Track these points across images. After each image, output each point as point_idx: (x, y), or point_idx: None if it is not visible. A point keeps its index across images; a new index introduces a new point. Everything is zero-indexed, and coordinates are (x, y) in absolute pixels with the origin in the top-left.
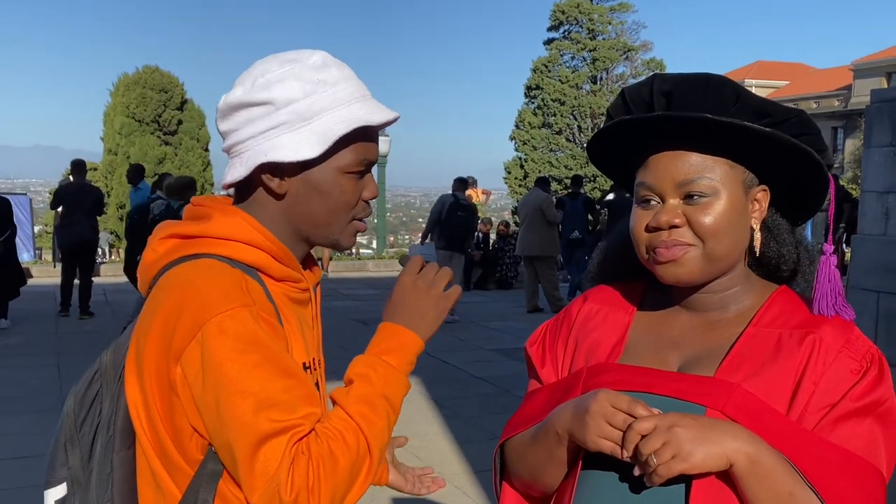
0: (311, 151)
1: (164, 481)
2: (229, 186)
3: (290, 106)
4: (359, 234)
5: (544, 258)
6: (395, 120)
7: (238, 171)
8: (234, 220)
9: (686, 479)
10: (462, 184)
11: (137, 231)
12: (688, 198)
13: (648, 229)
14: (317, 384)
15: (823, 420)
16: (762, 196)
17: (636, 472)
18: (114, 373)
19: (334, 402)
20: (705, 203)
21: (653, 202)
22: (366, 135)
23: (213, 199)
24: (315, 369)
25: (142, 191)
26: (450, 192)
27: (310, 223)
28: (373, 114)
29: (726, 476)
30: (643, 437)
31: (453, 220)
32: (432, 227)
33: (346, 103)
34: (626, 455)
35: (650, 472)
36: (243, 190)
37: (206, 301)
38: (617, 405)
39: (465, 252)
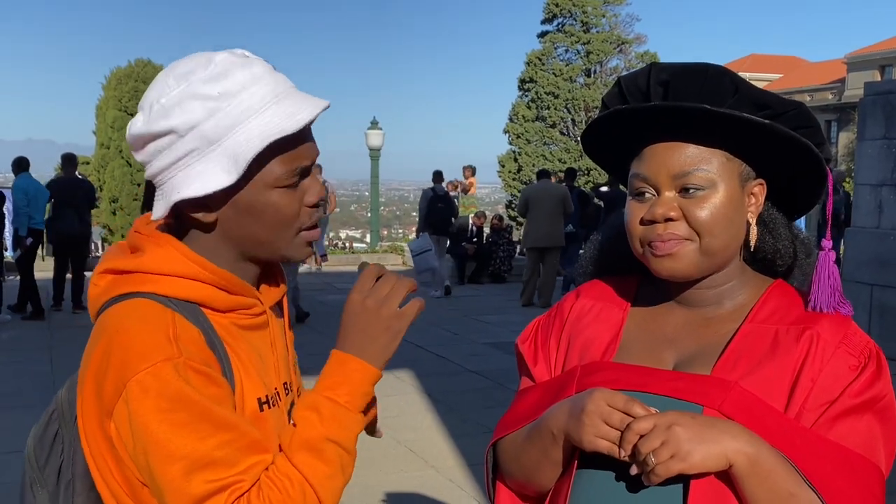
0: (225, 178)
1: None
2: (158, 222)
3: (193, 131)
4: (313, 242)
5: (557, 249)
6: (323, 110)
7: (159, 209)
8: (167, 252)
9: (684, 479)
10: (438, 176)
11: None
12: (684, 191)
13: (643, 222)
14: (290, 408)
15: (822, 417)
16: (759, 190)
17: (633, 471)
18: (70, 413)
19: (280, 448)
20: (702, 196)
21: (648, 194)
22: (291, 141)
23: (149, 227)
24: (280, 399)
25: (19, 180)
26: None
27: (251, 244)
28: (290, 117)
29: (725, 476)
30: (641, 436)
31: (435, 210)
32: (425, 221)
33: (258, 112)
34: (624, 454)
35: (648, 471)
36: (176, 219)
37: (128, 356)
38: (613, 404)
39: (449, 234)
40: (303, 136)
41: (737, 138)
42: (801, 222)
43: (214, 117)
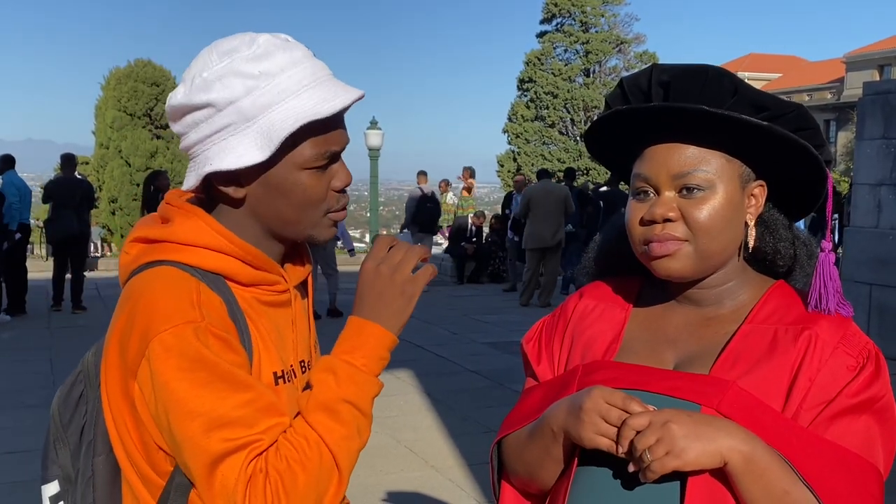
0: (258, 155)
1: (139, 491)
2: (189, 195)
3: (231, 106)
4: (337, 223)
5: (558, 249)
6: (357, 99)
7: (190, 179)
8: (194, 224)
9: (682, 476)
10: (422, 176)
11: None
12: (685, 191)
13: (643, 222)
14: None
15: (819, 417)
16: (759, 191)
17: (630, 468)
18: (95, 375)
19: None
20: (701, 197)
21: (648, 194)
22: (323, 125)
23: (180, 200)
24: (295, 376)
25: (8, 176)
26: (416, 186)
27: (277, 222)
28: (325, 102)
29: (722, 473)
30: (638, 433)
31: (424, 210)
32: (412, 220)
33: (294, 94)
34: (621, 451)
35: (644, 468)
36: (206, 192)
37: (152, 317)
38: (612, 401)
39: (435, 232)
40: (335, 122)
41: (736, 140)
42: (800, 224)
43: (253, 95)
